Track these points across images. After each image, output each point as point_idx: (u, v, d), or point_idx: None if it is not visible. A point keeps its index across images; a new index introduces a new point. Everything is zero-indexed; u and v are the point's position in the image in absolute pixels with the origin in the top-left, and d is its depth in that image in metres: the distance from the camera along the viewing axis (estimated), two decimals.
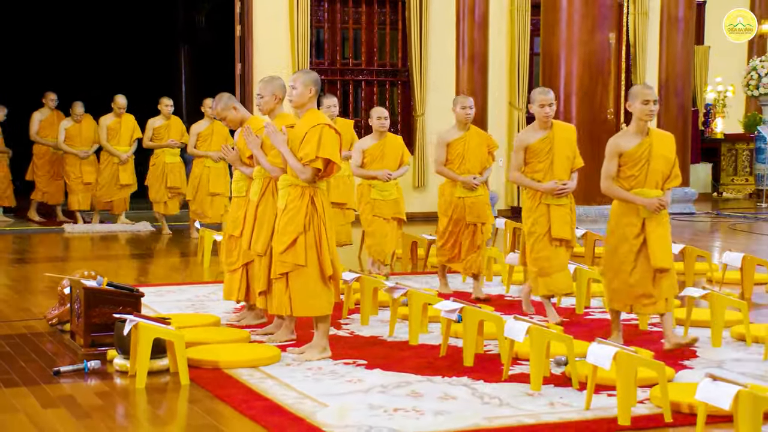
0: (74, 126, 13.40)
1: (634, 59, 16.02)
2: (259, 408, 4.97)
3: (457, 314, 5.97)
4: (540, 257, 7.06)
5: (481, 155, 8.11)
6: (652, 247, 6.13)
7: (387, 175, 8.88)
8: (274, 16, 14.10)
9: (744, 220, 14.41)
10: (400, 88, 15.12)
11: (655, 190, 6.20)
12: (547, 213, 7.08)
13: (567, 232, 7.12)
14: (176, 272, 9.92)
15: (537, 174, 7.13)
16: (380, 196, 8.94)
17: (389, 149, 8.99)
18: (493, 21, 14.95)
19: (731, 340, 6.52)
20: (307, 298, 5.95)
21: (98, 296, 6.18)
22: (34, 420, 4.84)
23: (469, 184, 7.99)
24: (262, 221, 6.47)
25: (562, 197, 7.11)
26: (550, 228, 7.06)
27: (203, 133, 12.15)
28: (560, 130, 7.24)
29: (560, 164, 7.14)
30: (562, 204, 7.14)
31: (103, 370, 5.77)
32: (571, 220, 7.18)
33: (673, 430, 4.70)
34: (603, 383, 5.15)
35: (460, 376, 5.59)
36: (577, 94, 10.63)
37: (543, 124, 7.13)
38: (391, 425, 4.66)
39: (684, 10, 15.38)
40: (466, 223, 8.02)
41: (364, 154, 8.94)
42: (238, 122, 6.88)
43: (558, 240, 7.09)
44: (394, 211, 9.02)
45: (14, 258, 10.85)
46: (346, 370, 5.74)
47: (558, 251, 7.10)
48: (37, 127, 13.70)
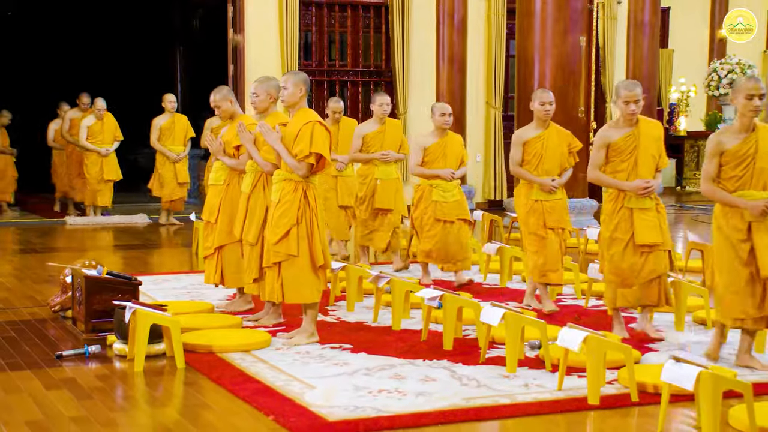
0: (97, 123, 13.03)
1: (603, 61, 16.05)
2: (251, 390, 4.97)
3: (437, 301, 5.97)
4: (624, 266, 6.03)
5: (560, 155, 7.10)
6: (760, 254, 5.29)
7: (450, 174, 7.95)
8: (265, 20, 14.08)
9: (705, 212, 14.45)
10: (383, 88, 15.10)
11: (762, 192, 5.37)
12: (629, 217, 6.05)
13: (654, 236, 6.03)
14: (172, 261, 9.90)
15: (619, 174, 6.11)
16: (442, 198, 7.95)
17: (451, 148, 8.06)
18: (471, 25, 14.95)
19: (693, 324, 6.56)
20: (298, 286, 5.95)
21: (98, 284, 6.17)
22: (38, 401, 4.83)
23: (546, 187, 6.99)
24: (253, 212, 6.47)
25: (645, 199, 6.06)
26: (634, 234, 6.03)
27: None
28: (646, 127, 6.22)
29: (645, 163, 6.10)
30: (646, 207, 6.09)
31: (103, 354, 5.76)
32: (659, 224, 6.09)
33: (639, 409, 4.72)
34: (574, 365, 5.17)
35: (440, 359, 5.60)
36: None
37: (628, 121, 6.11)
38: (375, 405, 4.66)
39: (650, 16, 15.44)
40: (548, 227, 7.02)
41: (425, 153, 7.99)
42: (229, 115, 6.96)
43: (644, 246, 6.04)
44: (458, 213, 8.01)
45: (19, 249, 10.80)
46: (333, 354, 5.74)
47: (643, 260, 6.02)
48: (68, 126, 13.40)
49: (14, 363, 5.58)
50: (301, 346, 5.93)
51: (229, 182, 6.87)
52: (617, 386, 5.02)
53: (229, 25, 14.10)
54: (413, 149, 8.11)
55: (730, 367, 5.18)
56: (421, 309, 6.32)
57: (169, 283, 8.25)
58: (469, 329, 6.26)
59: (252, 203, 6.49)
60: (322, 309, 6.93)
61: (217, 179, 6.95)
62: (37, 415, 4.60)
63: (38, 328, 6.51)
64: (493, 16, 15.35)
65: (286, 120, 6.23)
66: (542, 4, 10.54)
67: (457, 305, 5.93)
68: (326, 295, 7.04)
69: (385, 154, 8.67)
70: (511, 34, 14.48)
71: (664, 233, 6.10)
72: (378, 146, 8.77)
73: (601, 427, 4.51)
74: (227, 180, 6.89)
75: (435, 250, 7.98)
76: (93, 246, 11.06)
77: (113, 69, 18.22)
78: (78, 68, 18.20)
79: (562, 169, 7.12)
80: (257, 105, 6.50)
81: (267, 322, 6.53)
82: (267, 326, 6.47)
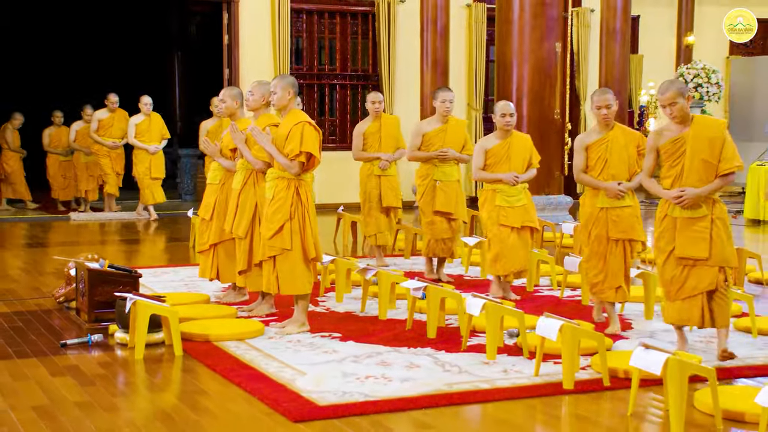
0: (144, 121, 12.61)
1: (577, 66, 16.08)
2: (245, 376, 4.96)
3: (421, 292, 5.98)
4: (666, 279, 5.42)
5: (628, 158, 6.13)
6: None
7: (514, 177, 7.01)
8: (258, 26, 14.04)
9: None
10: (370, 90, 15.09)
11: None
12: (673, 227, 5.34)
13: (698, 250, 5.24)
14: (171, 255, 9.87)
15: (665, 180, 5.40)
16: (506, 203, 7.03)
17: (516, 149, 7.09)
18: (453, 31, 14.94)
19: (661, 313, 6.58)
20: (292, 278, 5.95)
21: (101, 277, 6.15)
22: (44, 387, 4.82)
23: (612, 192, 6.08)
24: (243, 208, 6.47)
25: (695, 208, 5.27)
26: (675, 245, 5.33)
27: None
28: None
29: (694, 169, 5.27)
30: (696, 216, 5.27)
31: (105, 343, 5.75)
32: (710, 236, 5.24)
33: (611, 393, 4.74)
34: (550, 352, 5.18)
35: (424, 347, 5.61)
36: (528, 97, 10.63)
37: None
38: (362, 390, 4.66)
39: (621, 23, 15.46)
40: (611, 239, 6.11)
41: (487, 155, 7.09)
42: (230, 113, 6.92)
43: (685, 259, 5.29)
44: (523, 219, 7.06)
45: (25, 243, 10.76)
46: (323, 342, 5.74)
47: (690, 272, 5.30)
48: (96, 126, 13.03)
49: (21, 351, 5.56)
50: (292, 334, 5.93)
51: (225, 182, 6.86)
52: (590, 372, 5.04)
53: (224, 31, 14.07)
54: (475, 151, 7.19)
55: (695, 352, 5.20)
56: (406, 300, 6.32)
57: (168, 275, 8.22)
58: (452, 319, 6.27)
59: (242, 199, 6.49)
60: (312, 300, 6.93)
61: (214, 179, 6.95)
62: (43, 401, 4.58)
63: (44, 318, 6.48)
64: (474, 23, 15.35)
65: (277, 121, 6.23)
66: (520, 12, 10.54)
67: (440, 296, 5.93)
68: (316, 286, 7.04)
69: (444, 152, 7.74)
70: (491, 40, 14.50)
71: (715, 246, 5.23)
72: (438, 145, 7.81)
73: (575, 410, 4.52)
74: (222, 180, 6.88)
75: (498, 257, 7.04)
76: (95, 240, 11.02)
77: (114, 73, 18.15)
78: (80, 73, 18.17)
79: (632, 173, 6.16)
80: (250, 104, 6.50)
81: (260, 313, 6.52)
82: (260, 316, 6.46)
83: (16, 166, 13.93)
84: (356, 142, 8.59)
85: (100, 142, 13.03)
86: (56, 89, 17.50)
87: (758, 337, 5.93)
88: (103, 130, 12.98)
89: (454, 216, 7.84)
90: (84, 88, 17.23)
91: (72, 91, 16.97)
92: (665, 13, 18.43)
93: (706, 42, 18.69)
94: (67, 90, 17.31)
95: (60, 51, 18.38)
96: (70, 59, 18.41)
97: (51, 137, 14.00)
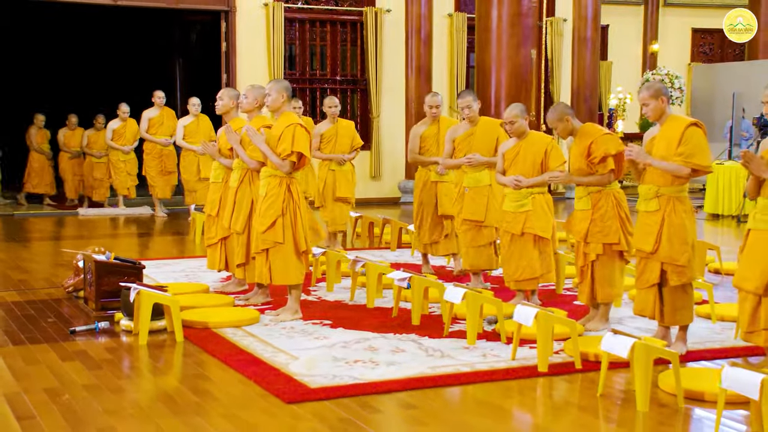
0: (193, 122, 11.82)
1: (551, 71, 16.09)
2: (242, 360, 4.95)
3: (406, 282, 5.98)
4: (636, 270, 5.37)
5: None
6: None
7: (515, 182, 6.17)
8: (254, 34, 14.02)
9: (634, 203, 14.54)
10: (359, 94, 15.07)
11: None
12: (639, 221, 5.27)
13: (646, 243, 5.12)
14: (172, 248, 9.84)
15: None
16: (510, 208, 6.27)
17: (525, 152, 6.21)
18: (436, 39, 14.95)
19: (629, 301, 6.58)
20: (284, 269, 5.94)
21: (107, 268, 6.14)
22: (54, 371, 4.80)
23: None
24: (240, 204, 6.45)
25: (649, 201, 5.16)
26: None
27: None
28: (665, 127, 5.23)
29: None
30: (649, 210, 5.15)
31: (111, 330, 5.73)
32: (658, 232, 5.07)
33: (582, 375, 4.75)
34: (526, 338, 5.19)
35: (408, 333, 5.61)
36: (506, 100, 10.60)
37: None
38: (351, 374, 4.66)
39: (591, 32, 15.49)
40: None
41: (504, 159, 6.33)
42: (226, 110, 6.81)
43: (640, 251, 5.21)
44: (524, 226, 6.17)
45: (37, 237, 10.70)
46: (314, 329, 5.73)
47: (645, 265, 5.17)
48: (146, 125, 12.40)
49: (33, 337, 5.53)
50: (286, 322, 5.92)
51: (227, 179, 6.83)
52: (563, 356, 5.04)
53: (222, 39, 14.04)
54: (498, 156, 6.48)
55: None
56: (392, 289, 6.32)
57: (169, 266, 8.20)
58: (435, 307, 6.27)
59: (239, 196, 6.47)
60: (304, 289, 6.92)
61: (217, 177, 6.92)
62: (54, 383, 4.57)
63: (54, 307, 6.46)
64: (455, 31, 15.34)
65: (269, 123, 6.21)
66: (498, 21, 10.53)
67: (424, 286, 5.93)
68: (308, 277, 7.03)
69: (470, 158, 6.84)
70: (471, 47, 14.51)
71: (662, 242, 5.05)
72: (466, 150, 6.95)
73: (549, 391, 4.53)
74: (225, 178, 6.84)
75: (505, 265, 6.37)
76: (102, 234, 10.97)
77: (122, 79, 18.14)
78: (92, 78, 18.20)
79: None
80: (244, 106, 6.47)
81: (256, 301, 6.51)
82: (256, 305, 6.45)
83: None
84: (447, 147, 7.11)
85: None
86: (71, 93, 17.52)
87: (717, 323, 5.96)
88: (154, 128, 12.33)
89: (486, 223, 6.90)
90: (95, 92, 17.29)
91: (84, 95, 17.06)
92: (632, 23, 18.49)
93: (670, 50, 18.78)
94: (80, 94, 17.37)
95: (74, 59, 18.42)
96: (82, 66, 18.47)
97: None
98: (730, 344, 5.37)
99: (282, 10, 14.05)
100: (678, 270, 5.05)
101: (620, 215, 5.65)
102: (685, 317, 5.15)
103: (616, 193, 5.71)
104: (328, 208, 9.01)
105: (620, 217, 5.65)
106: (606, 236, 5.61)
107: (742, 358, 5.10)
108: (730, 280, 5.75)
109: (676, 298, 5.12)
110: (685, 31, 19.07)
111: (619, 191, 5.76)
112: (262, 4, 14.02)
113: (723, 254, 8.05)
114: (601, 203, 5.64)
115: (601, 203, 5.65)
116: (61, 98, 17.07)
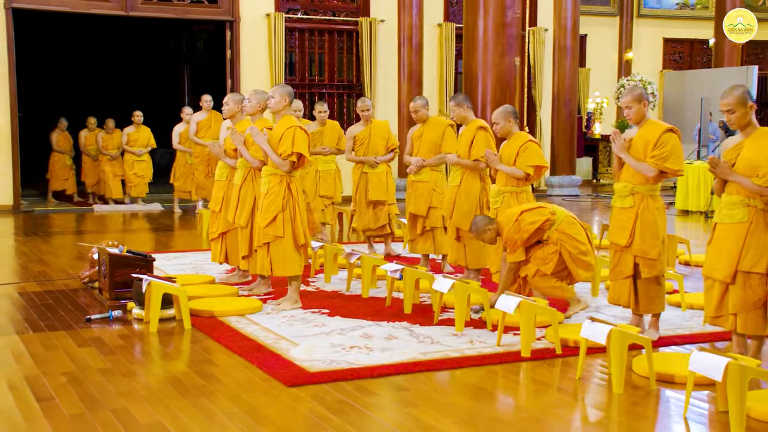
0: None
1: (533, 78, 16.10)
2: (245, 347, 4.95)
3: (399, 273, 5.98)
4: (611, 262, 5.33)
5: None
6: None
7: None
8: (257, 43, 14.00)
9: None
10: (354, 98, 15.04)
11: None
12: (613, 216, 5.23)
13: (620, 237, 5.10)
14: (181, 242, 9.82)
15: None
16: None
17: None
18: (426, 47, 14.95)
19: (606, 291, 6.61)
20: (284, 262, 5.93)
21: (120, 260, 6.12)
22: (71, 356, 4.79)
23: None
24: (244, 201, 6.45)
25: (624, 198, 5.13)
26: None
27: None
28: (644, 130, 5.12)
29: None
30: (624, 206, 5.11)
31: (124, 318, 5.72)
32: (632, 227, 5.05)
33: (562, 359, 4.76)
34: (510, 325, 5.20)
35: (401, 321, 5.61)
36: (491, 105, 10.60)
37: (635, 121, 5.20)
38: (347, 359, 4.66)
39: (571, 41, 15.50)
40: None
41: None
42: (231, 114, 6.74)
43: (614, 245, 5.16)
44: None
45: (56, 231, 10.67)
46: (313, 317, 5.73)
47: (620, 257, 5.16)
48: (195, 128, 11.85)
49: (51, 325, 5.52)
50: (286, 311, 5.92)
51: (231, 178, 6.82)
52: (545, 342, 5.05)
53: (227, 47, 14.01)
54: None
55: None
56: (386, 280, 6.32)
57: (178, 259, 8.18)
58: (425, 296, 6.28)
59: (243, 193, 6.46)
60: (304, 280, 6.92)
61: (221, 176, 6.91)
62: (71, 367, 4.56)
63: (71, 297, 6.44)
64: (445, 40, 15.34)
65: (271, 125, 6.20)
66: (484, 31, 10.53)
67: (415, 277, 5.94)
68: (307, 269, 7.03)
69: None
70: (459, 55, 14.51)
71: (635, 237, 5.04)
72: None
73: (531, 374, 4.54)
74: (229, 176, 6.84)
75: None
76: (116, 229, 10.95)
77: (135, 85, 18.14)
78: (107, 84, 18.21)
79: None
80: (248, 109, 6.44)
81: (258, 292, 6.50)
82: (259, 295, 6.44)
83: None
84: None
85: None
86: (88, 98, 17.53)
87: (687, 311, 5.98)
88: (202, 131, 11.74)
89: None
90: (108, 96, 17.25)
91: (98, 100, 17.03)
92: (608, 33, 18.53)
93: (643, 57, 18.82)
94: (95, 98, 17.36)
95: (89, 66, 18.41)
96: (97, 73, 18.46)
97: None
98: (698, 330, 5.40)
99: (283, 20, 14.04)
100: (649, 263, 5.04)
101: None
102: (657, 306, 5.16)
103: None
104: (360, 212, 8.15)
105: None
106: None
107: (710, 343, 5.12)
108: (699, 271, 5.77)
109: (649, 289, 5.12)
110: (657, 40, 19.13)
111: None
112: (265, 14, 14.00)
113: (692, 247, 8.07)
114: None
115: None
116: (80, 102, 17.09)
